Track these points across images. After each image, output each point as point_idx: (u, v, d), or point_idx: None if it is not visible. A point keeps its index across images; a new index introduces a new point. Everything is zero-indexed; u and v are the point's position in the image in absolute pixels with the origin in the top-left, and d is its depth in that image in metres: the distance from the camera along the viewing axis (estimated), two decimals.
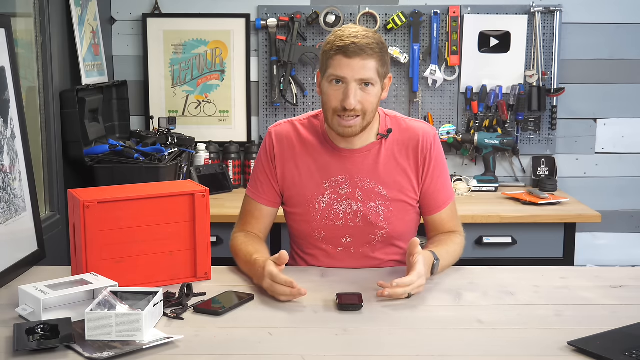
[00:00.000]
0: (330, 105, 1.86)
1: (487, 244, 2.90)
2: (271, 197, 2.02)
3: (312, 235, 1.99)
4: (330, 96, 1.85)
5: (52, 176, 2.53)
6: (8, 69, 1.94)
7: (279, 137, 2.01)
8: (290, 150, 1.99)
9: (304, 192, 1.98)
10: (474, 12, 3.35)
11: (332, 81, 1.84)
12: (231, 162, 3.36)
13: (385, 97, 1.93)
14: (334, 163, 1.96)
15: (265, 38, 3.38)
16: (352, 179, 1.96)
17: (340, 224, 1.97)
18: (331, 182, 1.96)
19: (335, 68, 1.82)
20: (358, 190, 1.95)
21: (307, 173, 1.98)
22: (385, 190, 1.95)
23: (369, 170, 1.95)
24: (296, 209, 2.00)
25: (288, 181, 1.99)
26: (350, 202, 1.96)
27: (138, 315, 1.43)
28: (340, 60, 1.81)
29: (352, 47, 1.79)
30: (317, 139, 1.99)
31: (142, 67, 3.42)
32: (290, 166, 1.99)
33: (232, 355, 1.41)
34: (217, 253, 2.17)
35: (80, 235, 1.70)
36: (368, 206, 1.95)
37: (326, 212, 1.96)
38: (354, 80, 1.81)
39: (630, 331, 1.49)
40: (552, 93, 3.36)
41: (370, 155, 1.96)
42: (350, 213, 1.96)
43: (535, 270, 1.93)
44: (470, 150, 3.39)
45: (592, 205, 3.10)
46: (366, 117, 1.86)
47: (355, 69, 1.80)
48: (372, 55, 1.81)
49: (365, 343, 1.46)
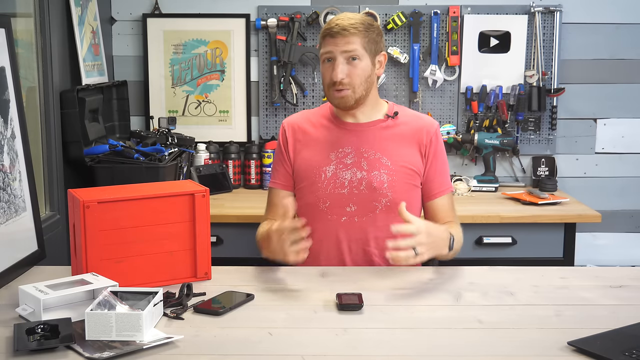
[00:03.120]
0: (325, 81, 2.05)
1: (487, 244, 2.90)
2: (286, 180, 2.14)
3: (317, 205, 2.07)
4: (324, 74, 2.05)
5: (52, 176, 2.53)
6: (8, 69, 1.94)
7: (290, 124, 2.18)
8: (301, 133, 2.14)
9: (312, 164, 2.10)
10: (474, 12, 3.35)
11: (325, 60, 2.04)
12: (231, 162, 3.36)
13: (380, 73, 2.10)
14: (341, 136, 2.10)
15: (265, 38, 3.38)
16: (358, 150, 2.08)
17: (345, 192, 2.06)
18: (337, 153, 2.08)
19: (324, 48, 2.03)
20: (363, 160, 2.07)
21: (316, 147, 2.11)
22: (389, 161, 2.06)
23: (374, 142, 2.08)
24: (303, 183, 2.10)
25: (299, 159, 2.12)
26: (355, 171, 2.06)
27: (138, 315, 1.43)
28: (327, 41, 2.02)
29: (336, 28, 2.00)
30: (326, 118, 2.14)
31: (142, 67, 3.42)
32: (300, 146, 2.13)
33: (232, 355, 1.41)
34: (217, 253, 2.17)
35: (80, 235, 1.70)
36: (372, 174, 2.06)
37: (331, 180, 2.06)
38: (338, 54, 2.00)
39: (630, 331, 1.49)
40: (552, 93, 3.36)
41: (376, 129, 2.10)
42: (354, 181, 2.06)
43: (535, 270, 1.93)
44: (470, 150, 3.39)
45: (592, 205, 3.10)
46: (356, 89, 2.02)
47: (339, 44, 2.00)
48: (355, 33, 2.00)
49: (365, 343, 1.46)
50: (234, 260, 2.01)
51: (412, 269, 1.97)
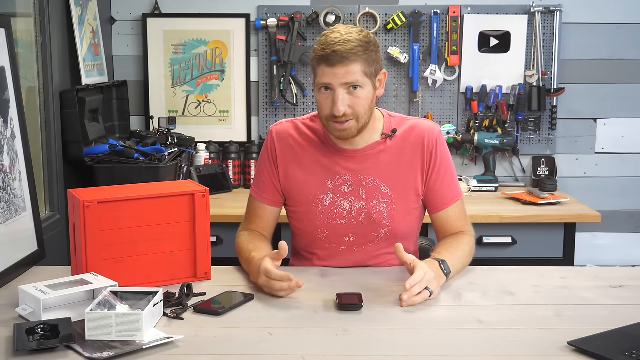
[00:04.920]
0: (323, 112, 1.87)
1: (487, 244, 2.90)
2: (273, 197, 2.02)
3: (315, 234, 1.99)
4: (322, 104, 1.86)
5: (52, 176, 2.53)
6: (8, 69, 1.94)
7: (280, 136, 2.01)
8: (291, 149, 1.99)
9: (307, 190, 1.97)
10: (474, 12, 3.35)
11: (321, 89, 1.84)
12: (231, 162, 3.36)
13: (381, 93, 1.93)
14: (338, 162, 1.96)
15: (265, 38, 3.38)
16: (356, 177, 1.95)
17: (343, 222, 1.96)
18: (334, 180, 1.96)
19: (320, 77, 1.83)
20: (362, 188, 1.95)
21: (310, 171, 1.98)
22: (388, 188, 1.95)
23: (372, 168, 1.95)
24: (299, 208, 2.00)
25: (291, 180, 1.99)
26: (354, 201, 1.95)
27: (138, 315, 1.43)
28: (324, 70, 1.81)
29: (333, 56, 1.78)
30: (319, 139, 1.99)
31: (142, 67, 3.42)
32: (293, 165, 1.99)
33: (232, 355, 1.41)
34: (217, 253, 2.17)
35: (80, 235, 1.70)
36: (372, 204, 1.95)
37: (329, 211, 1.96)
38: (339, 86, 1.81)
39: (630, 331, 1.49)
40: (552, 93, 3.36)
41: (373, 154, 1.96)
42: (353, 211, 1.96)
43: (535, 270, 1.93)
44: (470, 150, 3.39)
45: (592, 205, 3.10)
46: (360, 119, 1.86)
47: (339, 76, 1.80)
48: (355, 60, 1.80)
49: (365, 343, 1.46)
50: (234, 260, 2.01)
51: None
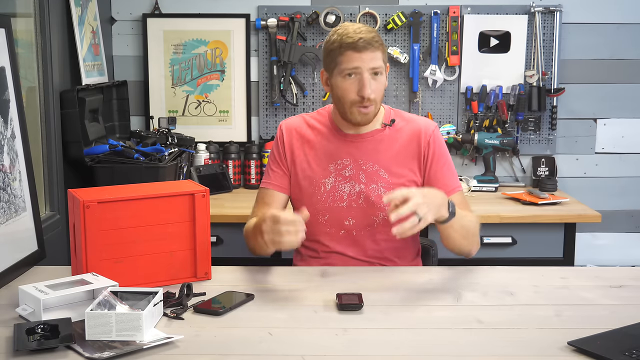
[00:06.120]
0: (348, 98, 1.97)
1: (487, 244, 2.90)
2: (281, 182, 2.10)
3: (317, 219, 2.05)
4: (346, 90, 1.97)
5: (52, 176, 2.53)
6: (8, 69, 1.94)
7: (288, 128, 2.13)
8: (299, 139, 2.10)
9: (311, 174, 2.07)
10: (474, 12, 3.35)
11: (346, 75, 1.96)
12: (231, 162, 3.36)
13: (386, 85, 2.05)
14: (340, 147, 2.06)
15: (265, 38, 3.38)
16: (356, 161, 2.05)
17: (343, 205, 2.04)
18: (336, 164, 2.06)
19: (347, 62, 1.95)
20: (361, 172, 2.05)
21: (315, 158, 2.08)
22: (387, 173, 2.04)
23: (372, 153, 2.05)
24: (303, 193, 2.08)
25: (297, 167, 2.09)
26: (354, 184, 2.04)
27: (138, 315, 1.43)
28: (351, 55, 1.94)
29: (361, 42, 1.93)
30: (325, 127, 2.10)
31: (142, 67, 3.42)
32: (299, 153, 2.09)
33: (232, 355, 1.41)
34: (217, 253, 2.17)
35: (80, 235, 1.70)
36: (370, 187, 2.03)
37: (331, 193, 2.05)
38: (366, 70, 1.94)
39: (630, 331, 1.49)
40: (552, 93, 3.36)
41: (374, 140, 2.06)
42: (353, 194, 2.04)
43: (535, 270, 1.93)
44: (470, 150, 3.39)
45: (592, 205, 3.10)
46: (377, 104, 2.00)
47: (366, 60, 1.93)
48: (378, 47, 1.95)
49: (365, 343, 1.46)
50: (234, 260, 2.01)
51: (412, 269, 1.97)
